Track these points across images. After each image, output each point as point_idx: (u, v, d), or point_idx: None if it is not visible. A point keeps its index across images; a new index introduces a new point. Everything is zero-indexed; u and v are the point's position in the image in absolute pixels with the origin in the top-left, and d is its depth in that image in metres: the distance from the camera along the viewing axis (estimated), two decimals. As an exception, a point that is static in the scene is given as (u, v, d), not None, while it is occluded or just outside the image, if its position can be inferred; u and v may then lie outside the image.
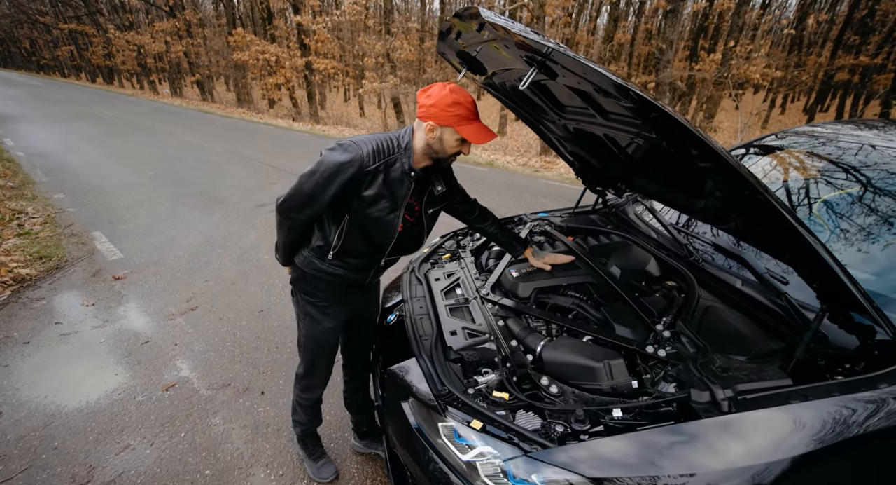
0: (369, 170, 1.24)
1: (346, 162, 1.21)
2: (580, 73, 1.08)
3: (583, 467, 0.98)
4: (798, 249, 1.09)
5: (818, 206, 1.63)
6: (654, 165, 1.58)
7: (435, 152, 1.29)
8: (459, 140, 1.27)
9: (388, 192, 1.29)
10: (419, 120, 1.27)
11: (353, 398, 1.85)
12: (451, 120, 1.22)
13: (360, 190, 1.26)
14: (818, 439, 1.00)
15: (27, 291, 3.24)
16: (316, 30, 12.86)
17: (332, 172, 1.22)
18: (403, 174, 1.29)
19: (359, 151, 1.22)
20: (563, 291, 1.61)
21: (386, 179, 1.27)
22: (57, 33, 34.73)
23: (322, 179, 1.23)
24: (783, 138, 2.09)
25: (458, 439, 1.16)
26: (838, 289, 1.05)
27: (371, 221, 1.32)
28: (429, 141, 1.27)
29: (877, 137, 1.78)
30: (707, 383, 1.07)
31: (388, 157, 1.26)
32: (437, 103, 1.21)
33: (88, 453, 1.90)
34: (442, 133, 1.25)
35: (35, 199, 5.27)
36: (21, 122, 11.35)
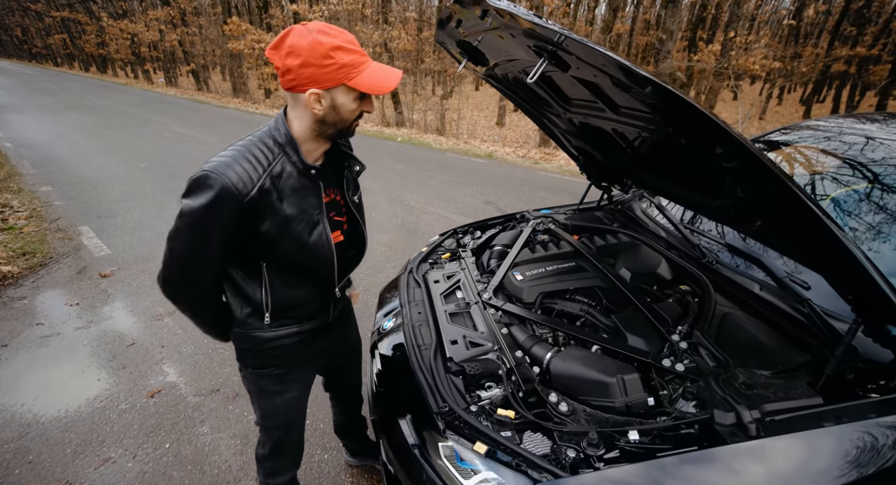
0: (251, 198, 0.88)
1: (210, 204, 0.85)
2: (597, 64, 0.95)
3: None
4: (833, 256, 0.98)
5: (827, 203, 1.51)
6: (665, 161, 1.46)
7: (332, 126, 0.94)
8: (358, 97, 0.92)
9: (293, 209, 0.95)
10: (290, 92, 0.90)
11: (344, 426, 1.69)
12: (337, 75, 0.86)
13: (255, 226, 0.92)
14: (856, 466, 0.90)
15: (8, 289, 3.09)
16: (312, 19, 12.52)
17: (201, 224, 0.88)
18: (301, 176, 0.96)
19: (223, 182, 0.85)
20: (570, 295, 1.49)
21: (281, 196, 0.93)
22: (49, 21, 33.87)
23: (192, 238, 0.90)
24: (787, 134, 1.97)
25: (461, 462, 1.05)
26: (878, 301, 0.94)
27: (295, 252, 0.99)
28: (317, 115, 0.91)
29: (881, 130, 1.66)
30: (731, 403, 0.96)
31: (268, 167, 0.91)
32: (310, 60, 0.84)
33: (66, 467, 1.78)
34: (333, 98, 0.89)
35: (21, 191, 5.09)
36: (11, 111, 11.04)
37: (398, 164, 7.09)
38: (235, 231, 0.90)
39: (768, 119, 17.64)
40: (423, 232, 4.20)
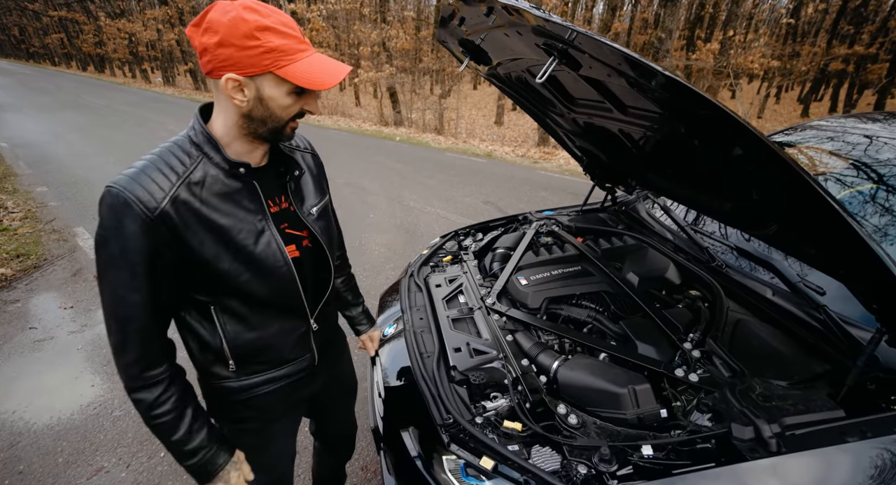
0: (161, 212, 0.71)
1: (115, 227, 0.70)
2: (613, 63, 0.90)
3: None
4: (857, 261, 0.93)
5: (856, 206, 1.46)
6: (673, 162, 1.41)
7: (261, 124, 0.77)
8: (293, 92, 0.75)
9: (226, 219, 0.78)
10: (210, 78, 0.74)
11: (322, 481, 1.46)
12: (265, 60, 0.70)
13: (182, 246, 0.75)
14: (878, 474, 0.86)
15: (1, 292, 3.03)
16: (311, 18, 12.43)
17: (111, 254, 0.71)
18: (229, 178, 0.79)
19: (125, 198, 0.70)
20: (576, 301, 1.44)
21: (207, 205, 0.76)
22: (46, 21, 33.64)
23: (110, 273, 0.72)
24: (790, 134, 1.92)
25: (466, 477, 1.01)
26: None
27: (242, 272, 0.81)
28: (242, 108, 0.75)
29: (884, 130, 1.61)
30: (749, 416, 0.92)
31: (184, 174, 0.75)
32: (228, 37, 0.68)
33: (57, 477, 1.73)
34: (259, 89, 0.73)
35: (16, 192, 5.02)
36: (7, 111, 10.94)
37: (396, 163, 7.03)
38: (156, 256, 0.73)
39: (766, 118, 17.62)
40: (423, 232, 4.14)
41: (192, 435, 0.84)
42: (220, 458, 0.88)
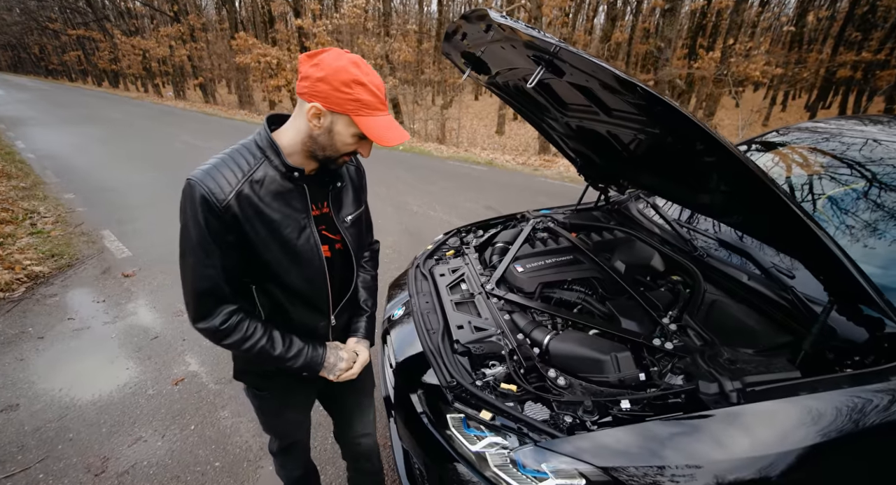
0: (227, 204, 0.86)
1: (194, 213, 0.86)
2: (588, 70, 1.08)
3: (591, 456, 0.98)
4: (805, 242, 1.08)
5: (822, 201, 1.61)
6: (656, 161, 1.57)
7: (321, 148, 0.91)
8: (357, 136, 0.90)
9: (277, 214, 0.92)
10: (301, 99, 0.88)
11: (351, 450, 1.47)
12: (349, 106, 0.85)
13: (240, 234, 0.89)
14: (827, 431, 0.98)
15: (40, 287, 3.25)
16: (316, 33, 12.84)
17: (192, 237, 0.87)
18: (284, 180, 0.92)
19: (201, 191, 0.85)
20: (568, 285, 1.60)
21: (263, 201, 0.90)
22: (65, 39, 34.81)
23: (192, 251, 0.88)
24: (785, 134, 2.07)
25: (468, 429, 1.16)
26: (846, 281, 1.03)
27: (283, 260, 0.95)
28: (313, 131, 0.89)
29: (881, 131, 1.77)
30: (715, 375, 1.06)
31: (248, 172, 0.89)
32: (330, 77, 0.83)
33: (102, 444, 1.91)
34: (333, 123, 0.87)
35: (46, 199, 5.29)
36: (32, 125, 11.38)
37: (400, 171, 7.25)
38: (224, 238, 0.88)
39: (772, 125, 17.68)
40: (426, 235, 4.32)
41: (291, 344, 1.01)
42: (319, 348, 1.06)
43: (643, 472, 0.95)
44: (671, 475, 0.93)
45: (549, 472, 1.00)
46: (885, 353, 1.07)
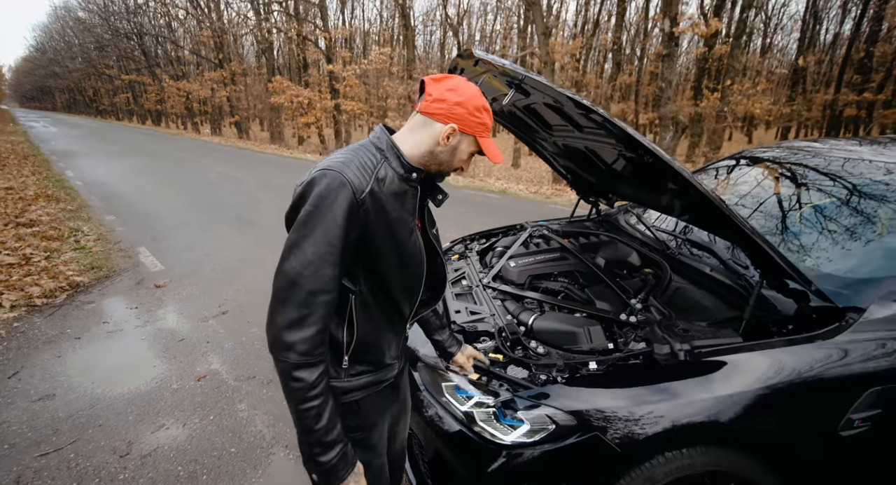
0: (363, 197, 0.83)
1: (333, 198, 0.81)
2: (542, 90, 1.31)
3: (560, 401, 1.11)
4: (732, 230, 1.25)
5: (768, 203, 1.75)
6: (626, 171, 1.76)
7: (438, 164, 0.94)
8: (472, 154, 0.97)
9: (395, 214, 0.90)
10: (428, 118, 0.90)
11: None
12: (477, 128, 0.91)
13: (362, 229, 0.85)
14: (762, 379, 1.12)
15: (80, 295, 3.52)
16: (346, 76, 13.82)
17: (324, 222, 0.80)
18: (401, 181, 0.90)
19: (341, 179, 0.81)
20: (553, 277, 1.75)
21: (385, 199, 0.88)
22: (118, 83, 37.88)
23: (316, 238, 0.80)
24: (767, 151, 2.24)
25: (459, 391, 1.30)
26: (768, 261, 1.19)
27: (393, 261, 0.92)
28: (438, 147, 0.91)
29: (824, 150, 1.92)
30: (668, 339, 1.20)
31: (374, 170, 0.87)
32: (466, 103, 0.88)
33: (128, 430, 2.06)
34: (460, 141, 0.92)
35: (90, 220, 5.72)
36: (80, 157, 12.31)
37: (418, 199, 7.54)
38: (349, 234, 0.83)
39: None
40: (439, 255, 4.49)
41: (334, 424, 0.84)
42: (348, 459, 0.88)
43: (604, 415, 1.07)
44: (626, 416, 1.06)
45: (525, 419, 1.12)
46: (815, 322, 1.21)
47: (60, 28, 44.96)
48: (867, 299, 1.22)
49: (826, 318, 1.22)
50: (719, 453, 1.14)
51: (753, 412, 1.10)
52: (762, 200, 1.82)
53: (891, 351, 1.16)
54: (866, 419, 1.15)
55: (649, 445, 1.08)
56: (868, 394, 1.14)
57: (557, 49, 11.25)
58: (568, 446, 1.10)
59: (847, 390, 1.15)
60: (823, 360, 1.14)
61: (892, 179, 1.53)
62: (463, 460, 1.21)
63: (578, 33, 18.68)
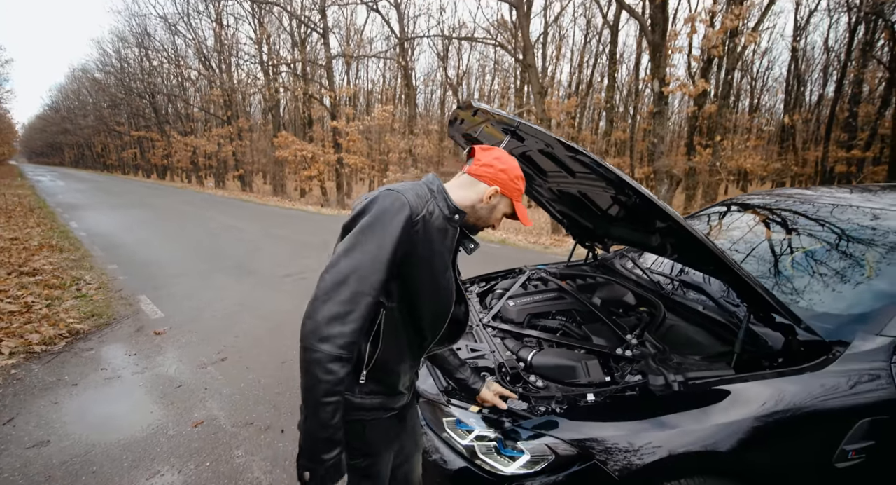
0: (417, 221, 0.96)
1: (394, 213, 0.93)
2: (535, 135, 1.50)
3: (560, 432, 1.19)
4: (718, 266, 1.39)
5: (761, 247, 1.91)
6: (619, 215, 1.94)
7: (476, 218, 1.10)
8: (505, 214, 1.14)
9: (437, 246, 1.01)
10: (475, 179, 1.08)
11: None
12: (514, 193, 1.09)
13: (410, 253, 0.96)
14: (755, 409, 1.20)
15: (79, 342, 3.57)
16: (349, 132, 14.72)
17: (384, 229, 0.92)
18: (445, 220, 1.02)
19: (403, 199, 0.95)
20: (552, 316, 1.86)
21: (430, 231, 0.99)
22: (127, 139, 39.87)
23: (373, 242, 0.91)
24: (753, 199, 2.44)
25: (460, 425, 1.36)
26: (755, 296, 1.31)
27: (426, 289, 1.01)
28: (479, 204, 1.07)
29: (813, 197, 2.13)
30: (662, 371, 1.29)
31: (426, 204, 0.99)
32: (509, 171, 1.07)
33: (122, 476, 2.05)
34: (499, 202, 1.09)
35: (92, 269, 5.87)
36: (86, 209, 12.75)
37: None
38: (398, 250, 0.93)
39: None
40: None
41: (341, 425, 0.91)
42: (341, 468, 0.92)
43: (604, 445, 1.14)
44: (625, 446, 1.13)
45: (525, 450, 1.19)
46: (803, 356, 1.29)
47: (77, 88, 48.02)
48: (851, 333, 1.32)
49: (814, 351, 1.31)
50: (716, 484, 1.19)
51: (748, 443, 1.15)
52: (752, 244, 1.98)
53: (877, 382, 1.23)
54: (860, 451, 1.21)
55: (648, 474, 1.13)
56: (860, 425, 1.20)
57: (553, 107, 12.12)
58: (568, 476, 1.16)
59: (838, 420, 1.21)
60: (813, 391, 1.21)
61: (878, 224, 1.66)
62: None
63: (573, 93, 20.15)
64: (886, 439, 1.22)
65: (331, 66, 15.60)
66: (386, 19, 15.18)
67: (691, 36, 7.60)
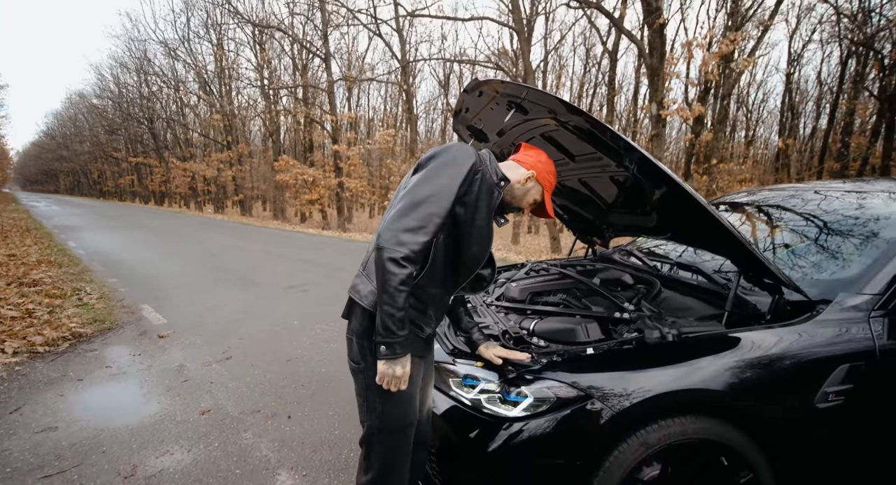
0: (479, 169, 1.21)
1: (465, 157, 1.19)
2: (541, 101, 1.61)
3: (561, 376, 1.31)
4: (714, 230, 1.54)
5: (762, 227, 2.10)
6: (617, 199, 2.13)
7: (511, 197, 1.34)
8: (535, 202, 1.39)
9: (483, 200, 1.21)
10: (517, 163, 1.36)
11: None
12: (546, 183, 1.37)
13: (467, 194, 1.19)
14: (743, 356, 1.34)
15: (82, 344, 3.66)
16: (350, 156, 15.18)
17: (457, 166, 1.18)
18: (494, 186, 1.25)
19: (472, 149, 1.22)
20: (553, 293, 2.01)
21: (483, 183, 1.21)
22: (125, 165, 40.41)
23: (447, 174, 1.16)
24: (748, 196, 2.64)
25: (466, 381, 1.48)
26: (747, 257, 1.47)
27: (471, 230, 1.21)
28: (517, 185, 1.32)
29: (801, 189, 2.33)
30: (658, 326, 1.43)
31: (484, 162, 1.25)
32: (545, 163, 1.36)
33: (132, 455, 2.13)
34: (532, 187, 1.35)
35: (92, 282, 5.98)
36: (83, 231, 12.94)
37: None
38: (462, 187, 1.16)
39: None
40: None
41: (408, 314, 1.16)
42: (407, 345, 1.16)
43: (602, 388, 1.27)
44: (623, 389, 1.26)
45: (528, 394, 1.31)
46: (789, 314, 1.46)
47: (73, 114, 47.61)
48: (834, 293, 1.47)
49: (799, 310, 1.46)
50: (708, 423, 1.29)
51: (736, 384, 1.28)
52: (745, 231, 2.15)
53: (856, 333, 1.37)
54: (840, 393, 1.33)
55: (644, 412, 1.25)
56: (839, 370, 1.33)
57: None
58: (569, 415, 1.26)
59: (820, 365, 1.34)
60: (798, 340, 1.35)
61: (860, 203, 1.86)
62: (468, 440, 1.34)
63: (571, 122, 20.82)
64: (862, 383, 1.34)
65: (332, 90, 16.25)
66: (388, 43, 15.98)
67: (689, 59, 8.04)
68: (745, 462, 1.30)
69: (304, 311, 4.64)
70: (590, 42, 19.88)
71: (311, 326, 4.13)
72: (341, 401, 2.67)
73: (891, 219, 1.63)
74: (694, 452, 1.29)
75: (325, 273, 6.93)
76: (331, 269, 7.30)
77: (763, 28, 11.20)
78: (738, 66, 10.68)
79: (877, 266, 1.47)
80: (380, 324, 1.13)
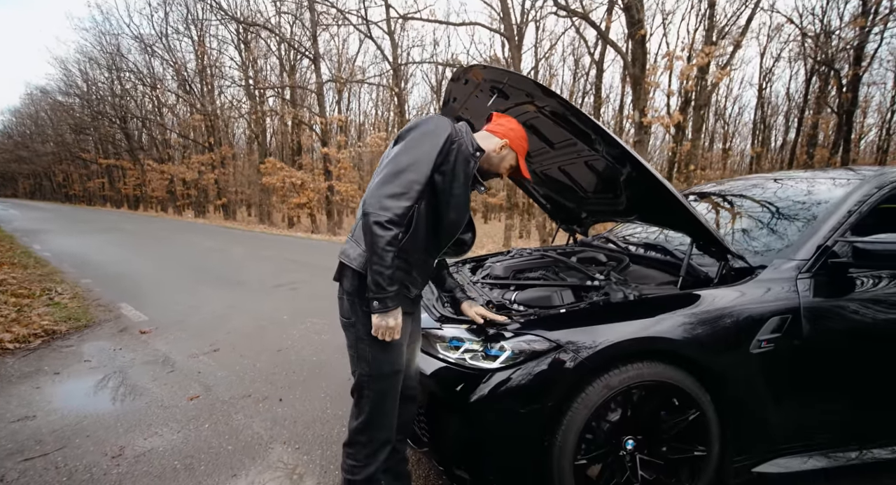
0: (455, 139, 1.32)
1: (441, 127, 1.31)
2: (527, 88, 1.76)
3: (537, 331, 1.49)
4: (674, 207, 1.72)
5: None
6: (594, 187, 2.30)
7: (488, 164, 1.46)
8: (511, 167, 1.52)
9: (460, 169, 1.33)
10: (491, 133, 1.48)
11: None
12: (519, 148, 1.49)
13: (444, 163, 1.30)
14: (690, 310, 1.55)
15: (56, 341, 3.65)
16: (340, 159, 15.24)
17: (434, 137, 1.30)
18: (469, 156, 1.36)
19: (448, 120, 1.33)
20: (534, 270, 2.17)
21: (460, 153, 1.33)
22: (94, 167, 38.70)
23: (424, 146, 1.28)
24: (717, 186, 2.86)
25: (452, 342, 1.62)
26: (701, 230, 1.66)
27: (448, 198, 1.33)
28: (493, 154, 1.45)
29: (761, 180, 2.56)
30: (622, 289, 1.61)
31: (460, 134, 1.36)
32: (516, 130, 1.47)
33: (119, 438, 2.19)
34: (507, 154, 1.48)
35: (63, 282, 5.86)
36: (48, 234, 12.49)
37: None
38: (438, 159, 1.29)
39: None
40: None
41: (395, 271, 1.28)
42: (397, 300, 1.30)
43: (572, 340, 1.43)
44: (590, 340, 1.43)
45: (508, 347, 1.47)
46: (732, 278, 1.69)
47: (34, 112, 44.74)
48: (770, 260, 1.72)
49: (742, 275, 1.69)
50: (660, 367, 1.49)
51: (686, 335, 1.48)
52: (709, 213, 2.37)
53: (785, 291, 1.61)
54: (770, 340, 1.56)
55: (607, 359, 1.44)
56: (770, 321, 1.56)
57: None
58: (543, 363, 1.43)
59: (754, 318, 1.55)
60: (737, 297, 1.59)
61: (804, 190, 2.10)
62: (453, 393, 1.50)
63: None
64: (788, 332, 1.57)
65: (322, 91, 16.25)
66: (379, 46, 16.15)
67: (670, 69, 8.53)
68: (694, 402, 1.51)
69: (294, 306, 4.68)
70: (578, 52, 20.55)
71: (301, 320, 4.19)
72: (333, 384, 2.76)
73: (828, 201, 1.86)
74: (649, 393, 1.49)
75: (315, 272, 6.90)
76: (320, 269, 7.21)
77: (735, 44, 11.88)
78: (712, 78, 11.27)
79: (805, 237, 1.74)
80: (371, 281, 1.27)
